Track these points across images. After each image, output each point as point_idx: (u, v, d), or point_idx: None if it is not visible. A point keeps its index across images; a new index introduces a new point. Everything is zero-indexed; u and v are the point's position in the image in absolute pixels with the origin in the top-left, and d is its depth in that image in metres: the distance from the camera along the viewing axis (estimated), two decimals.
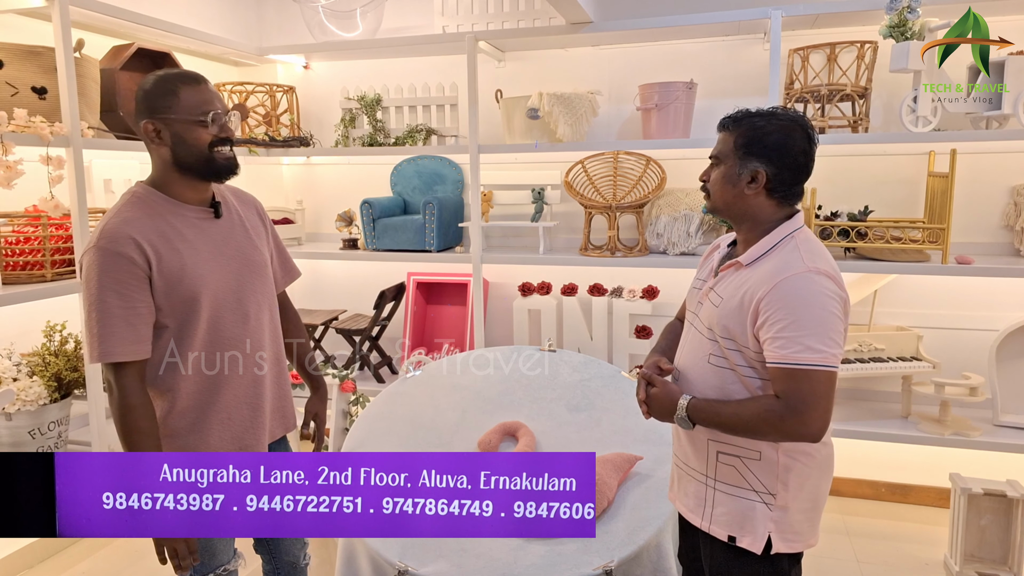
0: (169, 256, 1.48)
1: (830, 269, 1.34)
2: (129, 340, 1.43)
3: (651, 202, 2.98)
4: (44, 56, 2.28)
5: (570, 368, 2.59)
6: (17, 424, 2.24)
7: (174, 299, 1.49)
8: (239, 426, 1.63)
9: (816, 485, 1.42)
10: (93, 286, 1.42)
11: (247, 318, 1.62)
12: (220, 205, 1.60)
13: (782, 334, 1.29)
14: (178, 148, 1.49)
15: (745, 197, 1.41)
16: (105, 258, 1.41)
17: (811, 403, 1.27)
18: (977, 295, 2.81)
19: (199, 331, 1.54)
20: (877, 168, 2.87)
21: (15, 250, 2.26)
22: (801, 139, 1.38)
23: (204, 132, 1.49)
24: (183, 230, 1.52)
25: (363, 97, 3.26)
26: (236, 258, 1.61)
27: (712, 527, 1.46)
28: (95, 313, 1.42)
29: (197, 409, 1.57)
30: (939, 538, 2.68)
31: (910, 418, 2.73)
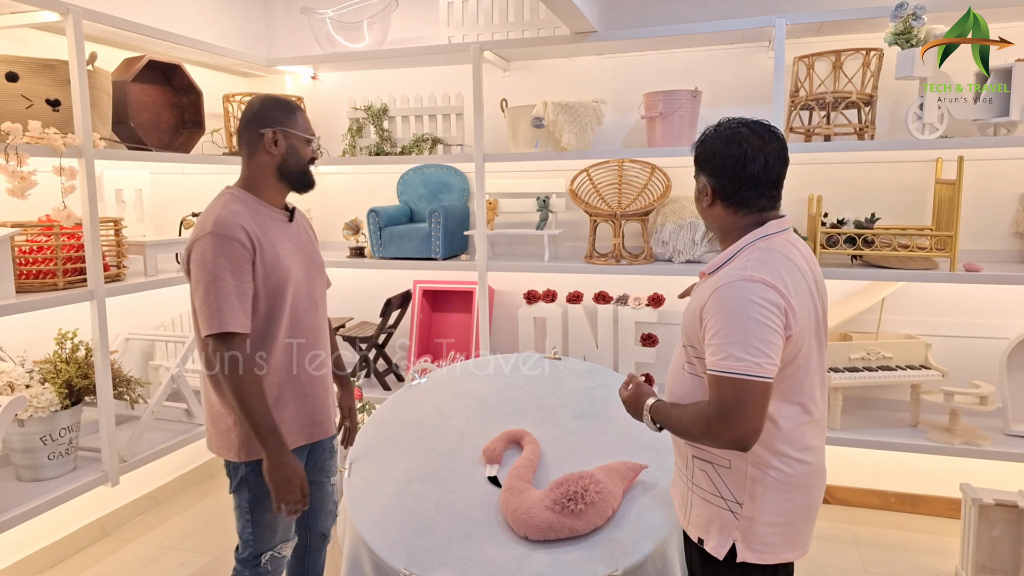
0: (267, 245, 1.71)
1: (771, 277, 1.30)
2: (240, 314, 1.63)
3: (656, 210, 2.98)
4: (58, 69, 2.32)
5: (575, 376, 2.59)
6: (29, 430, 2.27)
7: (268, 284, 1.71)
8: (313, 403, 1.85)
9: (789, 500, 1.39)
10: (210, 266, 1.61)
11: (316, 308, 1.86)
12: (295, 211, 1.86)
13: (713, 341, 1.31)
14: (289, 158, 1.76)
15: (706, 211, 1.47)
16: (221, 242, 1.62)
17: (734, 410, 1.27)
18: (986, 303, 2.79)
19: (284, 314, 1.75)
20: (883, 175, 2.86)
21: (28, 259, 2.30)
22: (732, 144, 1.38)
23: (308, 150, 1.79)
24: (271, 227, 1.76)
25: (370, 107, 3.29)
26: (307, 256, 1.85)
27: (689, 527, 1.51)
28: (212, 289, 1.61)
29: (279, 386, 1.77)
30: (950, 549, 2.65)
31: (919, 427, 2.71)
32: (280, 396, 1.76)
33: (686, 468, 1.51)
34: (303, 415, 1.82)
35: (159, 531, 2.90)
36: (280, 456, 1.66)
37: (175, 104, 2.85)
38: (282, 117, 1.74)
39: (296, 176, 1.78)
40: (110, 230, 2.52)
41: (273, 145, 1.73)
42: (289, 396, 1.78)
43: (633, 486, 2.09)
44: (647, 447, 2.23)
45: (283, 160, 1.74)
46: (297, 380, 1.80)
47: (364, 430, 2.40)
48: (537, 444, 2.24)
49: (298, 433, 1.82)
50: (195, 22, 3.21)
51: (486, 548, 1.91)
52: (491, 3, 3.06)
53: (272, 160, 1.74)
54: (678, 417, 1.40)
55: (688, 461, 1.49)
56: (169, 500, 3.16)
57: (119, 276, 2.55)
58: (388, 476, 2.17)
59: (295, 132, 1.76)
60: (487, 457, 2.21)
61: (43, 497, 2.23)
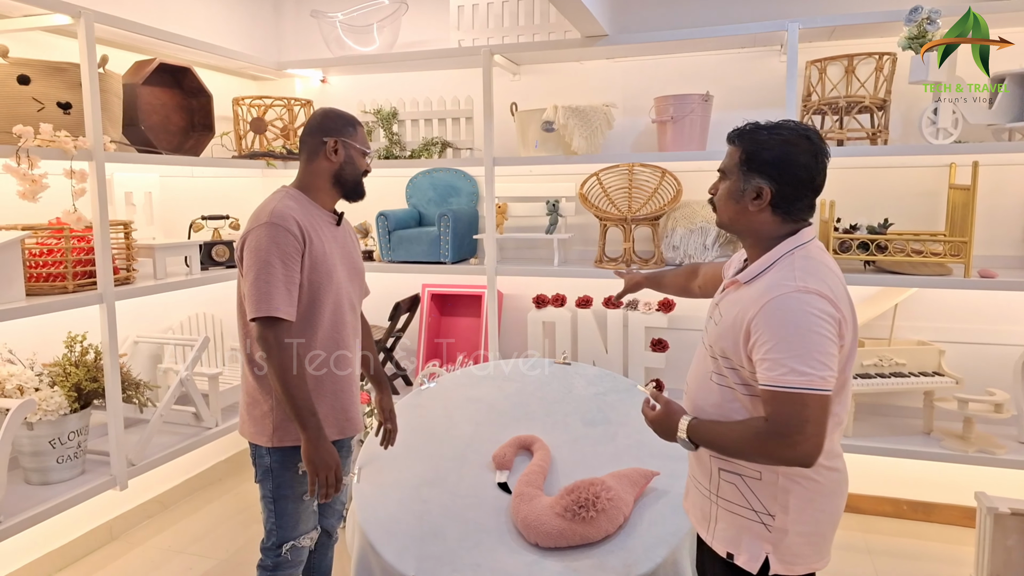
0: (316, 240, 1.79)
1: (823, 288, 1.28)
2: (288, 302, 1.71)
3: (667, 214, 2.96)
4: (69, 72, 2.32)
5: (585, 381, 2.57)
6: (38, 433, 2.27)
7: (314, 277, 1.78)
8: (347, 399, 1.91)
9: (820, 509, 1.37)
10: (263, 253, 1.69)
11: (354, 310, 1.95)
12: (342, 216, 1.95)
13: (768, 356, 1.26)
14: (346, 167, 1.86)
15: (749, 213, 1.38)
16: (275, 232, 1.70)
17: (796, 427, 1.23)
18: (1000, 309, 2.76)
19: (325, 310, 1.82)
20: (896, 180, 2.84)
21: (38, 262, 2.29)
22: (804, 153, 1.35)
23: (364, 162, 1.90)
24: (321, 226, 1.85)
25: (379, 110, 3.29)
26: (349, 259, 1.94)
27: (714, 542, 1.45)
28: (264, 275, 1.68)
29: (317, 380, 1.83)
30: (963, 558, 2.62)
31: (933, 434, 2.68)
32: (317, 388, 1.82)
33: (709, 482, 1.45)
34: (337, 409, 1.88)
35: (167, 535, 2.90)
36: (319, 439, 1.72)
37: (185, 107, 2.85)
38: (345, 129, 1.85)
39: (350, 184, 1.88)
40: (120, 233, 2.52)
41: (334, 153, 1.83)
42: (326, 390, 1.85)
43: (644, 493, 2.07)
44: (658, 454, 2.21)
45: (340, 168, 1.84)
46: (335, 376, 1.87)
47: (372, 435, 2.39)
48: (547, 450, 2.23)
49: (332, 427, 1.86)
50: (205, 25, 3.21)
51: (496, 555, 1.89)
52: (501, 6, 3.05)
53: (330, 167, 1.84)
54: (724, 436, 1.33)
55: (712, 474, 1.44)
56: (177, 504, 3.16)
57: (128, 279, 2.55)
58: (397, 481, 2.16)
59: (355, 144, 1.86)
60: (497, 463, 2.20)
61: (52, 501, 2.22)
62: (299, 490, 1.86)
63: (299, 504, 1.86)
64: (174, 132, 2.81)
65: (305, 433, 1.71)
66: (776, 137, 1.36)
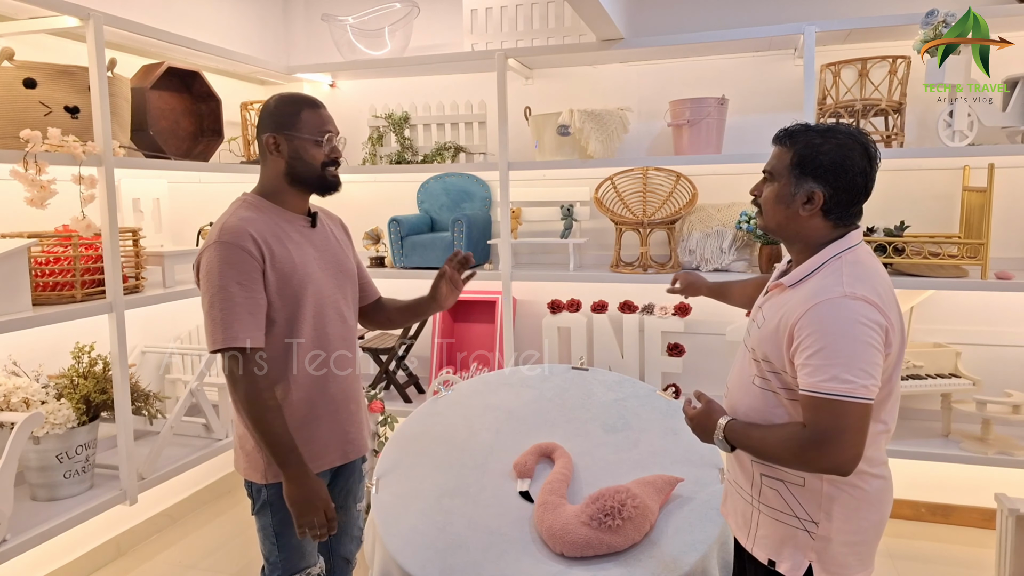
0: (281, 252, 1.61)
1: (871, 294, 1.25)
2: (251, 327, 1.53)
3: (683, 218, 2.95)
4: (77, 76, 2.27)
5: (604, 387, 2.54)
6: (45, 448, 2.20)
7: (285, 293, 1.61)
8: (346, 419, 1.75)
9: (865, 518, 1.34)
10: (216, 277, 1.53)
11: (344, 319, 1.75)
12: (316, 215, 1.75)
13: (811, 361, 1.23)
14: (294, 162, 1.64)
15: (799, 218, 1.35)
16: (228, 252, 1.53)
17: (835, 435, 1.21)
18: (1017, 311, 2.77)
19: (306, 327, 1.65)
20: (912, 183, 2.84)
21: (45, 271, 2.23)
22: (860, 158, 1.32)
23: (319, 151, 1.65)
24: (290, 232, 1.66)
25: (391, 115, 3.25)
26: (333, 263, 1.74)
27: (755, 549, 1.43)
28: (219, 302, 1.52)
29: (308, 402, 1.67)
30: (984, 561, 2.61)
31: (951, 437, 2.67)
32: (311, 413, 1.67)
33: (751, 487, 1.43)
34: (338, 432, 1.73)
35: (176, 549, 2.83)
36: (302, 478, 1.56)
37: (194, 112, 2.80)
38: (283, 119, 1.63)
39: (308, 180, 1.66)
40: (128, 240, 2.46)
41: (275, 150, 1.63)
42: (322, 412, 1.69)
43: (669, 500, 2.04)
44: (682, 460, 2.18)
45: (289, 165, 1.64)
46: (328, 395, 1.70)
47: (391, 444, 2.34)
48: (569, 457, 2.19)
49: (334, 451, 1.73)
50: (214, 29, 3.17)
51: (521, 565, 1.85)
52: (515, 10, 3.03)
53: (279, 165, 1.64)
54: (762, 439, 1.32)
55: (754, 479, 1.42)
56: (186, 517, 3.09)
57: (137, 287, 2.49)
58: (417, 491, 2.12)
59: (299, 135, 1.62)
60: (518, 471, 2.16)
61: (59, 518, 2.15)
62: None
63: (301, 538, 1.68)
64: (183, 137, 2.76)
65: (285, 472, 1.55)
66: (832, 141, 1.33)
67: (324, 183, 1.68)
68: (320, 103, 1.69)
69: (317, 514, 1.57)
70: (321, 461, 1.70)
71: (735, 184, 2.99)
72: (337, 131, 1.70)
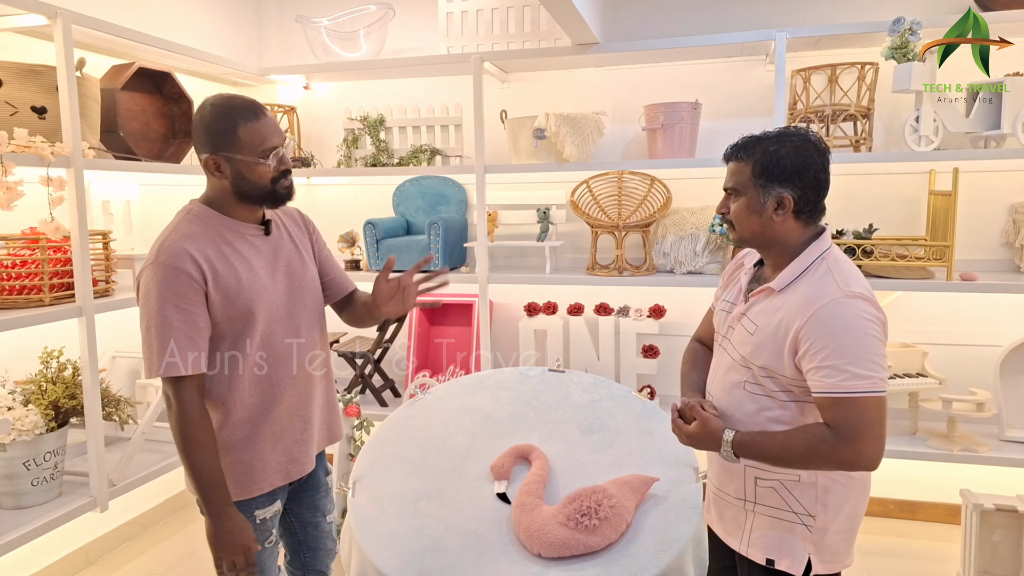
0: (225, 271, 1.51)
1: (865, 291, 1.32)
2: (189, 353, 1.46)
3: (657, 221, 2.98)
4: (45, 75, 2.23)
5: (580, 389, 2.56)
6: (12, 455, 2.15)
7: (231, 313, 1.52)
8: (290, 439, 1.66)
9: (855, 506, 1.40)
10: (153, 301, 1.44)
11: (298, 332, 1.66)
12: (270, 223, 1.64)
13: (826, 363, 1.27)
14: (239, 183, 1.52)
15: (773, 224, 1.39)
16: (165, 273, 1.44)
17: (864, 430, 1.25)
18: (980, 311, 2.84)
19: (254, 345, 1.57)
20: (880, 187, 2.91)
21: (12, 273, 2.19)
22: (817, 155, 1.38)
23: (265, 169, 1.52)
24: (237, 246, 1.56)
25: (366, 117, 3.24)
26: (286, 274, 1.65)
27: (750, 550, 1.44)
28: (155, 327, 1.44)
29: (251, 422, 1.59)
30: (950, 555, 2.68)
31: (918, 434, 2.74)
32: (253, 433, 1.59)
33: (743, 491, 1.45)
34: (280, 453, 1.64)
35: (147, 558, 2.78)
36: (222, 518, 1.49)
37: (165, 113, 2.76)
38: (220, 139, 1.48)
39: (258, 196, 1.54)
40: (98, 243, 2.42)
41: (216, 170, 1.51)
42: (266, 433, 1.61)
43: (645, 499, 2.06)
44: (657, 460, 2.20)
45: (234, 185, 1.52)
46: (273, 415, 1.61)
47: (367, 448, 2.33)
48: (546, 459, 2.20)
49: (275, 473, 1.64)
50: (186, 29, 3.13)
51: (499, 567, 1.86)
52: (491, 14, 3.04)
53: (224, 184, 1.53)
54: (782, 447, 1.32)
55: (747, 483, 1.44)
56: (157, 525, 3.04)
57: (108, 291, 2.45)
58: (394, 495, 2.11)
59: (238, 156, 1.49)
60: (495, 473, 2.16)
61: (26, 527, 2.10)
62: (259, 538, 1.65)
63: (261, 552, 1.67)
64: (154, 139, 2.72)
65: (207, 509, 1.50)
66: (787, 145, 1.37)
67: (275, 197, 1.56)
68: (259, 110, 1.52)
69: (236, 556, 1.51)
70: (262, 483, 1.63)
71: (708, 188, 3.03)
72: (283, 140, 1.56)
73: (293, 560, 1.87)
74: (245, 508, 1.61)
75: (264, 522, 1.65)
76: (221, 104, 1.51)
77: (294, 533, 1.84)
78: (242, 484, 1.59)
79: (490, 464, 2.20)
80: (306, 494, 1.81)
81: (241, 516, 1.54)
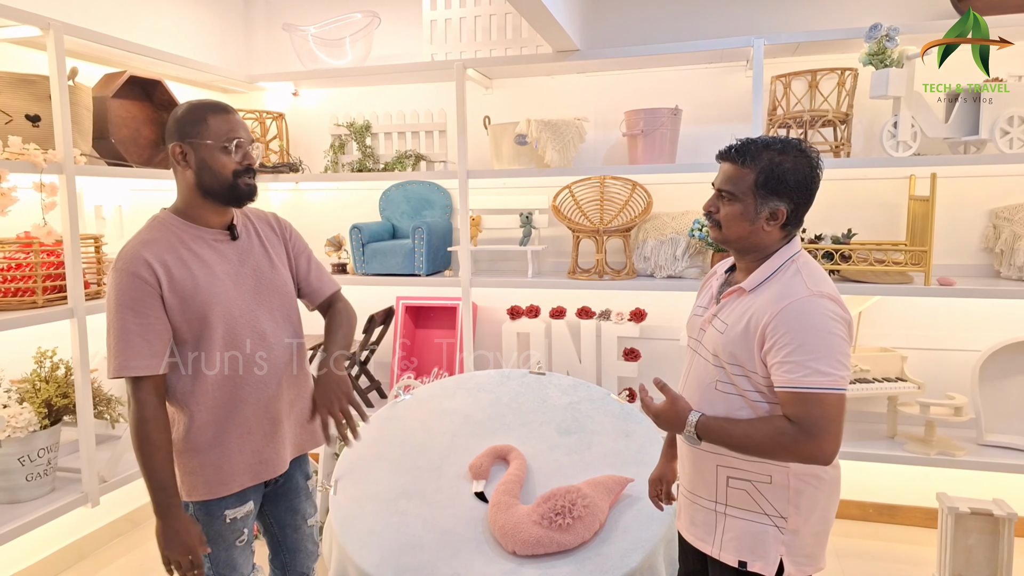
0: (181, 275, 1.55)
1: (832, 292, 1.35)
2: (144, 355, 1.51)
3: (638, 226, 3.02)
4: (38, 84, 2.30)
5: (559, 391, 2.60)
6: (6, 451, 2.22)
7: (189, 316, 1.56)
8: (259, 440, 1.68)
9: (826, 507, 1.42)
10: (112, 304, 1.51)
11: (263, 336, 1.67)
12: (235, 228, 1.67)
13: (790, 358, 1.30)
14: (202, 172, 1.57)
15: (761, 232, 1.41)
16: (122, 278, 1.51)
17: (823, 426, 1.28)
18: (959, 316, 2.86)
19: (215, 348, 1.60)
20: (859, 192, 2.93)
21: (6, 276, 2.26)
22: (815, 171, 1.41)
23: (228, 159, 1.57)
24: (199, 251, 1.59)
25: (352, 123, 3.30)
26: (252, 278, 1.67)
27: (722, 553, 1.46)
28: (114, 330, 1.51)
29: (217, 424, 1.62)
30: (927, 558, 2.70)
31: (896, 438, 2.76)
32: (219, 435, 1.62)
33: (715, 493, 1.46)
34: (248, 453, 1.66)
35: (138, 553, 2.85)
36: (169, 516, 1.53)
37: (155, 120, 2.83)
38: (188, 128, 1.55)
39: (220, 190, 1.58)
40: (90, 247, 2.49)
41: (183, 160, 1.56)
42: (232, 434, 1.63)
43: (619, 500, 2.11)
44: (632, 461, 2.25)
45: (197, 176, 1.56)
46: (240, 417, 1.64)
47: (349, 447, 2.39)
48: (523, 459, 2.25)
49: (244, 474, 1.66)
50: (176, 38, 3.19)
51: (474, 564, 1.91)
52: (474, 21, 3.09)
53: (189, 176, 1.57)
54: (745, 435, 1.34)
55: (718, 485, 1.45)
56: (147, 521, 3.10)
57: (99, 293, 2.52)
58: (374, 493, 2.17)
59: (202, 142, 1.55)
60: (473, 473, 2.21)
61: (20, 520, 2.17)
62: (230, 537, 1.68)
63: (232, 550, 1.69)
64: (144, 146, 2.79)
65: (155, 507, 1.53)
66: (790, 158, 1.39)
67: (236, 193, 1.59)
68: (229, 108, 1.61)
69: (182, 556, 1.55)
70: (230, 484, 1.65)
71: (688, 193, 3.06)
72: (250, 138, 1.62)
73: (274, 559, 1.91)
74: (215, 507, 1.64)
75: (235, 522, 1.68)
76: (194, 102, 1.61)
77: (274, 534, 1.87)
78: (211, 484, 1.63)
79: (469, 464, 2.26)
80: (284, 497, 1.83)
81: (189, 517, 1.58)
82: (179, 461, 1.61)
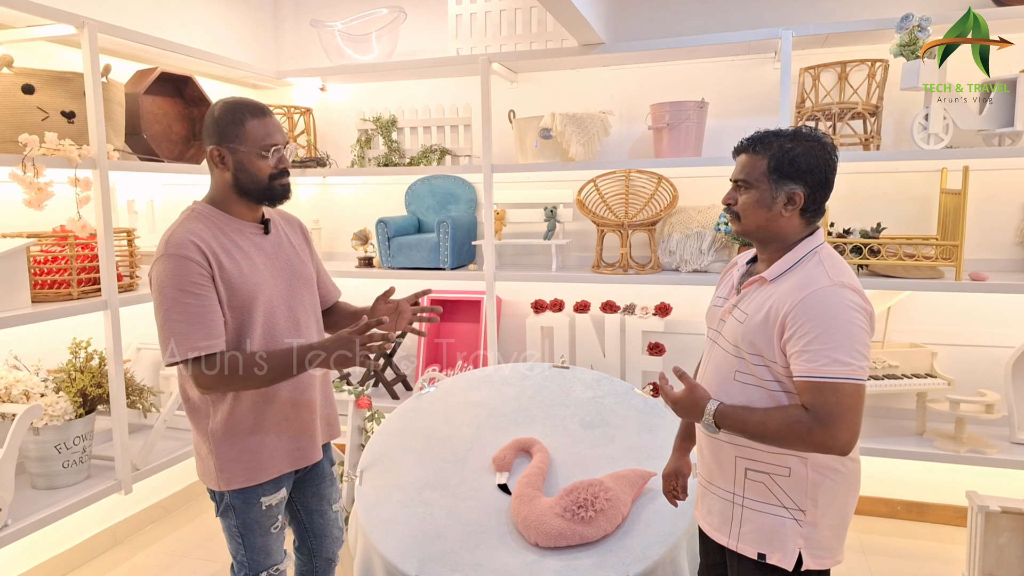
0: (228, 263, 1.59)
1: (854, 283, 1.35)
2: (213, 333, 1.54)
3: (663, 220, 3.01)
4: (73, 81, 2.35)
5: (583, 385, 2.61)
6: (44, 439, 2.29)
7: (233, 304, 1.59)
8: (296, 428, 1.73)
9: (844, 501, 1.42)
10: (169, 290, 1.52)
11: (298, 325, 1.72)
12: (269, 222, 1.72)
13: (809, 347, 1.30)
14: (240, 175, 1.61)
15: (780, 219, 1.42)
16: (175, 263, 1.52)
17: (839, 416, 1.27)
18: (991, 312, 2.81)
19: (256, 336, 1.63)
20: (889, 185, 2.88)
21: (43, 269, 2.32)
22: (829, 157, 1.41)
23: (265, 164, 1.61)
24: (239, 241, 1.64)
25: (378, 118, 3.32)
26: (286, 270, 1.72)
27: (740, 545, 1.45)
28: (175, 314, 1.51)
29: (256, 411, 1.66)
30: (956, 557, 2.66)
31: (925, 435, 2.72)
32: (258, 422, 1.66)
33: (733, 485, 1.47)
34: (286, 442, 1.71)
35: (170, 539, 2.92)
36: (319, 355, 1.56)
37: (186, 116, 2.88)
38: (227, 131, 1.59)
39: (256, 191, 1.63)
40: (123, 240, 2.55)
41: (221, 162, 1.60)
42: (269, 421, 1.68)
43: (642, 493, 2.11)
44: (655, 455, 2.24)
45: (235, 178, 1.61)
46: (277, 405, 1.68)
47: (375, 439, 2.42)
48: (547, 452, 2.26)
49: (282, 460, 1.72)
50: (206, 35, 3.24)
51: (497, 555, 1.92)
52: (499, 15, 3.09)
53: (227, 176, 1.61)
54: (760, 423, 1.34)
55: (736, 477, 1.45)
56: (180, 509, 3.18)
57: (132, 286, 2.58)
58: (399, 484, 2.19)
59: (241, 149, 1.59)
60: (497, 465, 2.23)
61: (57, 505, 2.24)
62: (265, 524, 1.72)
63: (268, 536, 1.73)
64: (176, 141, 2.85)
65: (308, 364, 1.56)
66: (802, 143, 1.41)
67: (271, 194, 1.65)
68: (266, 110, 1.64)
69: (350, 347, 1.54)
70: (270, 469, 1.69)
71: (714, 186, 3.04)
72: (285, 140, 1.66)
73: (301, 547, 1.95)
74: (252, 495, 1.69)
75: (270, 508, 1.73)
76: (231, 103, 1.63)
77: (300, 521, 1.91)
78: (251, 471, 1.67)
79: (492, 456, 2.27)
80: (311, 483, 1.88)
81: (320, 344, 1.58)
82: (218, 450, 1.65)
